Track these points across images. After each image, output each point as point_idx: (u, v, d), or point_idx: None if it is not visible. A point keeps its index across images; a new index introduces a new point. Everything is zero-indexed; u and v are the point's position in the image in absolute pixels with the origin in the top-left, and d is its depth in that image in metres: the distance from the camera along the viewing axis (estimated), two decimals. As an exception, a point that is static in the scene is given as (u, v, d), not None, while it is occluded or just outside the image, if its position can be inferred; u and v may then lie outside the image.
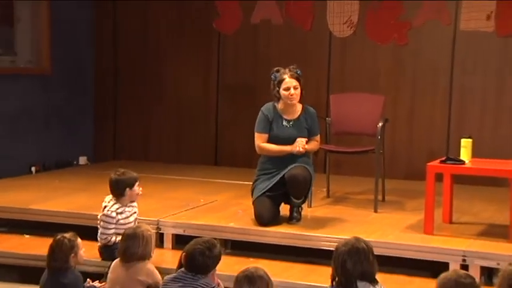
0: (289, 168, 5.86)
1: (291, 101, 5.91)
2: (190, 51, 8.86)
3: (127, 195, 5.44)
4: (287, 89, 5.88)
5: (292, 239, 5.66)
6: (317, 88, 8.11)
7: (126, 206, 5.45)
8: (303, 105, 6.05)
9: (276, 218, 5.95)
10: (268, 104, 6.08)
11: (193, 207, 6.45)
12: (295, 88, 5.89)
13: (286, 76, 5.89)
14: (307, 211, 6.29)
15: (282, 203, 6.03)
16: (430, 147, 7.87)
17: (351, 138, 7.04)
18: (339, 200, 6.92)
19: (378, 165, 6.54)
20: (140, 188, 5.52)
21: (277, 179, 5.89)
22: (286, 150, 5.91)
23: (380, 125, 6.56)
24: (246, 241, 5.78)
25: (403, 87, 8.15)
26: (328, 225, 5.91)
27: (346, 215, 6.25)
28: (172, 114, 9.01)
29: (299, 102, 5.99)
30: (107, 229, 5.34)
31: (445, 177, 6.00)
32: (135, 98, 9.15)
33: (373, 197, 6.46)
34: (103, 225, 5.37)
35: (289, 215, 5.99)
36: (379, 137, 6.54)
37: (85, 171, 8.40)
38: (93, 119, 9.30)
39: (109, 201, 5.44)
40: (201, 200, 6.71)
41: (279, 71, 5.96)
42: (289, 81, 5.88)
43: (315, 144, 6.08)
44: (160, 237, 5.89)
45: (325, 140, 6.89)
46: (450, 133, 7.95)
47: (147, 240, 4.74)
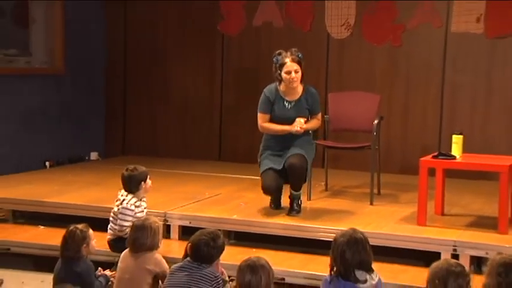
0: (289, 155, 5.85)
1: (292, 84, 5.88)
2: (196, 52, 8.85)
3: (142, 189, 5.43)
4: (288, 72, 5.85)
5: (292, 230, 5.66)
6: (316, 87, 7.96)
7: (141, 200, 5.45)
8: (304, 86, 6.01)
9: (280, 190, 5.98)
10: (270, 86, 6.04)
11: (199, 200, 6.45)
12: (296, 72, 5.85)
13: (287, 60, 5.85)
14: (307, 203, 6.30)
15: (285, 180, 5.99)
16: (423, 143, 7.85)
17: (348, 134, 7.03)
18: (337, 193, 6.92)
19: (374, 160, 6.54)
20: (150, 181, 5.53)
21: (282, 163, 5.86)
22: (286, 129, 5.90)
23: (376, 122, 6.56)
24: (248, 232, 5.78)
25: (398, 86, 8.14)
26: (326, 217, 5.91)
27: (343, 208, 6.25)
28: (179, 112, 9.00)
29: (300, 83, 5.95)
30: (125, 221, 5.28)
31: (437, 172, 6.00)
32: (144, 96, 9.15)
33: (369, 190, 6.46)
34: (121, 217, 5.30)
35: (289, 207, 6.00)
36: (375, 133, 6.53)
37: (96, 166, 8.40)
38: (104, 116, 9.29)
39: (127, 195, 5.38)
40: (206, 194, 6.71)
41: (280, 54, 5.92)
42: (290, 65, 5.85)
43: (315, 122, 6.06)
44: (167, 228, 5.89)
45: (324, 136, 6.89)
46: (442, 130, 7.93)
47: (155, 231, 4.74)
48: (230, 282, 4.48)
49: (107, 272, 4.95)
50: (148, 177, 5.45)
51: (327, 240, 5.14)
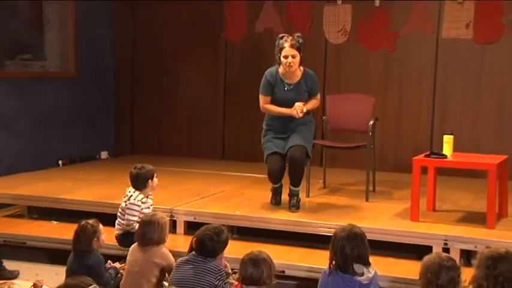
0: (291, 145, 5.82)
1: (289, 68, 5.82)
2: (201, 57, 8.84)
3: (149, 187, 5.43)
4: (285, 57, 5.80)
5: (292, 225, 5.66)
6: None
7: (147, 197, 5.45)
8: (304, 69, 5.97)
9: (283, 171, 5.92)
10: (271, 69, 6.00)
11: (203, 197, 6.45)
12: (293, 57, 5.79)
13: (286, 45, 5.80)
14: (306, 200, 6.29)
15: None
16: (416, 143, 7.84)
17: (345, 134, 7.02)
18: (334, 190, 6.91)
19: (369, 159, 6.53)
20: (156, 179, 5.52)
21: (285, 148, 5.84)
22: (286, 112, 5.87)
23: (371, 122, 6.55)
24: (250, 227, 5.78)
25: (392, 89, 8.13)
26: (324, 213, 5.91)
27: (340, 204, 6.26)
28: (184, 113, 8.99)
29: (301, 66, 5.90)
30: (132, 216, 5.27)
31: (429, 170, 5.99)
32: (151, 98, 9.14)
33: (364, 187, 6.46)
34: (129, 213, 5.29)
35: (289, 204, 5.98)
36: (370, 133, 6.53)
37: (106, 165, 8.40)
38: (113, 117, 9.29)
39: (134, 191, 5.38)
40: (210, 191, 6.71)
41: (282, 38, 5.87)
42: (287, 50, 5.79)
43: (314, 102, 6.02)
44: (174, 223, 5.89)
45: (322, 136, 6.88)
46: (434, 130, 7.93)
47: (162, 226, 4.74)
48: (233, 275, 4.48)
49: (117, 265, 4.96)
50: (155, 175, 5.45)
51: (325, 234, 5.18)
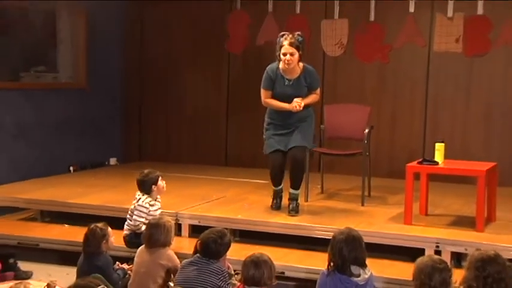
0: (292, 145, 5.81)
1: (287, 65, 5.78)
2: (205, 68, 8.84)
3: (154, 191, 5.45)
4: (284, 54, 5.77)
5: (292, 229, 5.65)
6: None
7: (155, 200, 5.46)
8: (304, 65, 5.93)
9: (284, 167, 5.91)
10: (272, 64, 5.96)
11: (207, 202, 6.44)
12: (292, 54, 5.74)
13: (285, 43, 5.77)
14: (304, 205, 6.29)
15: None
16: (409, 150, 7.83)
17: (341, 142, 7.01)
18: (332, 196, 6.90)
19: (365, 165, 6.52)
20: (164, 182, 5.52)
21: (287, 145, 5.83)
22: (285, 107, 5.84)
23: (366, 131, 6.55)
24: (252, 230, 5.77)
25: (386, 99, 8.12)
26: (322, 217, 5.90)
27: (337, 208, 6.24)
28: (189, 122, 8.99)
29: (300, 63, 5.85)
30: (139, 217, 5.31)
31: (421, 176, 5.98)
32: (158, 107, 9.13)
33: (360, 192, 6.45)
34: (137, 214, 5.33)
35: (288, 208, 5.96)
36: (366, 141, 6.52)
37: (115, 171, 8.39)
38: (122, 125, 9.28)
39: (143, 194, 5.42)
40: (214, 196, 6.70)
41: (283, 36, 5.83)
42: (286, 48, 5.75)
43: (314, 97, 5.98)
44: (179, 227, 5.88)
45: (320, 144, 6.87)
46: (426, 138, 7.92)
47: (168, 229, 4.74)
48: (235, 276, 4.47)
49: (125, 266, 4.95)
50: (159, 180, 5.46)
51: (323, 237, 5.17)
